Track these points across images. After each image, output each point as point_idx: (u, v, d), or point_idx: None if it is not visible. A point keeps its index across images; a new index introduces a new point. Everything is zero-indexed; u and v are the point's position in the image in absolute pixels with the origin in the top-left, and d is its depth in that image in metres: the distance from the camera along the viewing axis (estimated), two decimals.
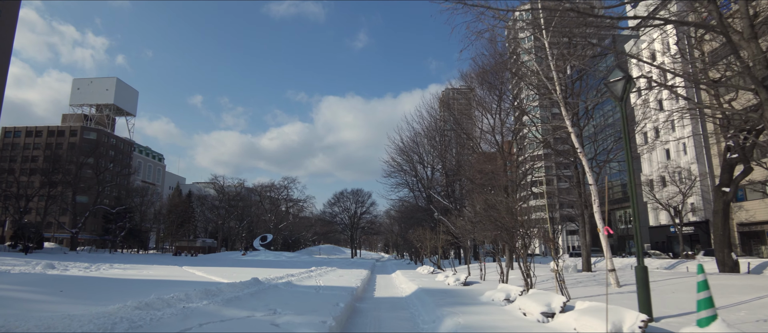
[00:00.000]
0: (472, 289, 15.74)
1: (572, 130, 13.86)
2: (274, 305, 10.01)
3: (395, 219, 78.38)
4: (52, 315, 7.22)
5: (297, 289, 15.01)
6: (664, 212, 55.74)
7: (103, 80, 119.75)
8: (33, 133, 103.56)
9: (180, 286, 14.25)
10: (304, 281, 18.55)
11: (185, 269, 28.74)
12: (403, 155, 45.88)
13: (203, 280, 19.00)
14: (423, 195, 47.60)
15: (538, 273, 17.21)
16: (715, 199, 19.62)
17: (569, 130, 13.83)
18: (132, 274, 22.73)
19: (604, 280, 16.34)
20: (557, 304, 8.83)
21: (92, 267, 27.27)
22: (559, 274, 11.50)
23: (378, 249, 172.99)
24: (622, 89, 8.82)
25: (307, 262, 49.81)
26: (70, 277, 18.31)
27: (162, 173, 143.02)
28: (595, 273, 20.76)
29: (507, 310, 10.08)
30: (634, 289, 13.11)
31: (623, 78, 8.76)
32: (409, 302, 14.00)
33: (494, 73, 25.37)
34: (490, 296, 12.33)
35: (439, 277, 22.06)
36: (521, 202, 25.83)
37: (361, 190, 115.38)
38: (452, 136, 40.78)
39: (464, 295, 13.89)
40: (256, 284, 14.76)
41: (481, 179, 27.28)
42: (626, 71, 8.94)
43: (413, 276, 25.49)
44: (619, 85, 8.86)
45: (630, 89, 8.82)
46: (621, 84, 8.85)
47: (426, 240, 32.49)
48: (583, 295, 12.38)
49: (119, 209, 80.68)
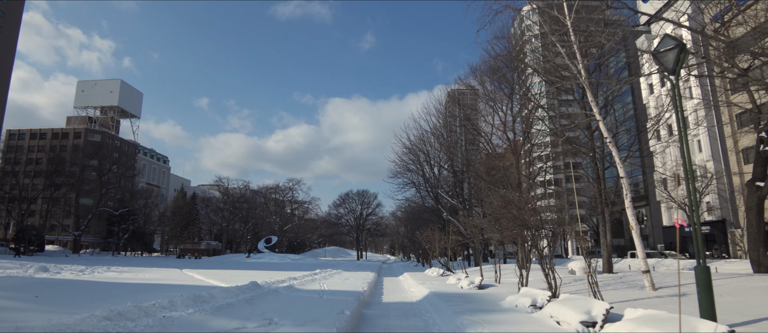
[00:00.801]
0: (489, 294, 14.45)
1: (600, 118, 12.55)
2: (271, 314, 8.79)
3: (401, 220, 77.04)
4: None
5: (299, 294, 13.79)
6: (677, 212, 54.11)
7: (108, 82, 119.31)
8: (37, 135, 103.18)
9: (171, 291, 13.08)
10: (308, 285, 17.32)
11: (185, 272, 27.60)
12: (411, 154, 44.60)
13: (200, 284, 17.81)
14: (430, 195, 46.28)
15: (541, 276, 15.83)
16: (749, 195, 18.22)
17: (597, 118, 12.53)
18: (127, 277, 21.62)
19: (632, 282, 15.02)
20: (598, 311, 7.54)
21: (87, 270, 26.20)
22: (592, 276, 10.21)
23: (384, 251, 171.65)
24: (674, 59, 7.54)
25: (312, 265, 48.61)
26: (58, 281, 17.21)
27: (167, 175, 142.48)
28: (619, 275, 19.39)
29: (537, 319, 8.80)
30: (672, 292, 11.81)
31: (676, 47, 7.48)
32: (421, 308, 12.74)
33: (507, 62, 24.04)
34: (513, 302, 11.03)
35: (451, 280, 20.80)
36: (538, 199, 24.53)
37: (366, 191, 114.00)
38: (461, 132, 39.44)
39: (482, 300, 12.61)
40: (255, 289, 13.55)
41: (491, 177, 25.96)
42: (677, 41, 7.65)
43: (422, 279, 24.22)
44: (671, 55, 7.58)
45: (684, 60, 7.53)
46: (673, 54, 7.57)
47: (435, 241, 31.19)
48: (615, 299, 11.09)
49: (122, 211, 79.90)
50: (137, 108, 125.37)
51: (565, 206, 76.46)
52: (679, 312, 5.57)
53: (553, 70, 19.33)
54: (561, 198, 77.22)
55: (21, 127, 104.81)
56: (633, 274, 19.51)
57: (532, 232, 12.87)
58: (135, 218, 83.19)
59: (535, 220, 13.13)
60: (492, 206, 14.39)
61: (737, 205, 47.57)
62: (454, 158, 40.75)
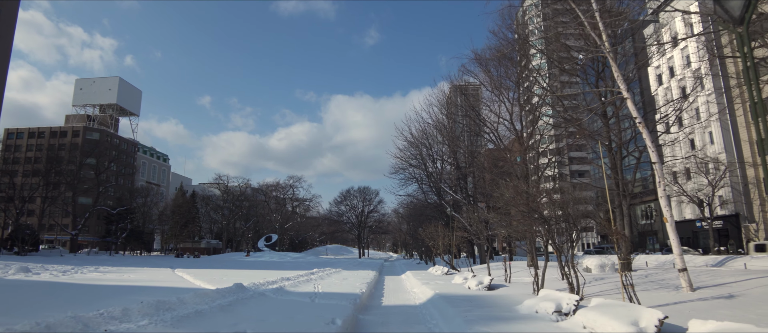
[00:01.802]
0: (500, 296, 12.93)
1: (627, 95, 11.01)
2: (245, 325, 7.30)
3: (404, 217, 75.45)
4: None
5: (287, 297, 12.31)
6: (688, 207, 52.53)
7: (106, 80, 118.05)
8: (36, 134, 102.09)
9: (145, 294, 11.63)
10: (300, 286, 15.84)
11: (175, 273, 26.17)
12: (413, 148, 43.01)
13: (184, 285, 16.35)
14: (433, 190, 44.71)
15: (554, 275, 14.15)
16: None
17: (624, 95, 10.98)
18: (110, 278, 20.24)
19: (662, 281, 13.49)
20: (649, 322, 6.03)
21: (71, 271, 24.84)
22: (627, 277, 8.69)
23: (386, 248, 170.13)
24: (741, 7, 6.00)
25: (312, 263, 47.15)
26: (29, 283, 15.79)
27: (167, 174, 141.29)
28: (642, 273, 17.80)
29: (567, 329, 7.28)
30: (716, 294, 10.28)
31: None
32: (425, 313, 11.24)
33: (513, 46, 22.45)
34: (532, 307, 9.50)
35: (456, 279, 19.28)
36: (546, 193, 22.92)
37: (368, 188, 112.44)
38: (466, 123, 37.72)
39: (494, 304, 11.11)
40: (237, 292, 12.08)
41: (498, 169, 24.42)
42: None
43: (426, 278, 22.72)
44: (737, 4, 6.05)
45: (754, 6, 5.99)
46: (740, 2, 6.03)
47: (438, 237, 29.69)
48: (651, 302, 9.55)
49: (120, 210, 78.57)
50: (136, 106, 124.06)
51: (570, 202, 74.86)
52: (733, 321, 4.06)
53: (563, 48, 17.79)
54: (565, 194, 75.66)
55: (19, 127, 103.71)
56: (656, 272, 17.97)
57: (550, 225, 11.37)
58: (133, 217, 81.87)
59: (553, 211, 11.64)
60: (503, 198, 12.94)
61: (752, 198, 45.94)
62: (457, 151, 39.14)
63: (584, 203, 61.62)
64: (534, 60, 26.69)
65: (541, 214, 11.06)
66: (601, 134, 20.72)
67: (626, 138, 19.65)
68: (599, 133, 20.50)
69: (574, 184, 70.60)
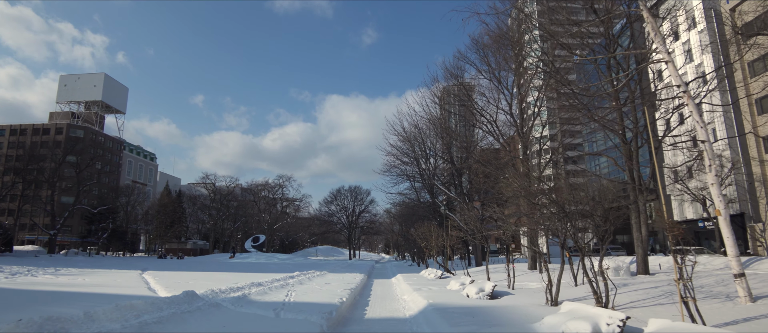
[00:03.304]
0: (507, 307, 10.68)
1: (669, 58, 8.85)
2: None
3: (396, 217, 73.08)
4: None
5: (246, 309, 10.00)
6: (690, 206, 50.80)
7: (91, 76, 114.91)
8: (18, 131, 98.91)
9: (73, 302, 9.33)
10: (270, 294, 13.50)
11: (142, 276, 23.70)
12: (405, 143, 40.74)
13: (135, 292, 13.96)
14: (426, 188, 42.46)
15: (565, 279, 11.73)
16: None
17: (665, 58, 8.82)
18: (61, 281, 17.98)
19: (701, 288, 11.31)
20: None
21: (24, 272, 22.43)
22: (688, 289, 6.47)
23: (378, 249, 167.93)
24: None
25: (298, 265, 44.74)
26: None
27: (154, 173, 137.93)
28: (663, 277, 15.56)
29: None
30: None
31: None
32: (416, 330, 8.98)
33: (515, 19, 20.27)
34: (556, 325, 7.26)
35: (452, 285, 16.94)
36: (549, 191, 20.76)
37: (359, 188, 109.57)
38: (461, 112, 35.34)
39: (503, 319, 8.87)
40: (184, 302, 9.76)
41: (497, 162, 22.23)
42: None
43: (418, 282, 20.46)
44: None
45: None
46: None
47: (431, 238, 27.46)
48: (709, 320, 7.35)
49: (101, 209, 75.67)
50: (122, 103, 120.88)
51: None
52: None
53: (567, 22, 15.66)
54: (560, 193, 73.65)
55: (1, 124, 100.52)
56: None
57: (572, 222, 9.17)
58: (116, 217, 78.95)
59: (573, 203, 9.42)
60: (510, 187, 10.74)
61: (758, 196, 44.18)
62: (452, 146, 36.87)
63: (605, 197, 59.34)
64: (535, 43, 24.50)
65: (560, 207, 8.88)
66: (612, 122, 18.58)
67: (643, 124, 17.48)
68: (612, 121, 18.32)
69: (587, 175, 68.48)
